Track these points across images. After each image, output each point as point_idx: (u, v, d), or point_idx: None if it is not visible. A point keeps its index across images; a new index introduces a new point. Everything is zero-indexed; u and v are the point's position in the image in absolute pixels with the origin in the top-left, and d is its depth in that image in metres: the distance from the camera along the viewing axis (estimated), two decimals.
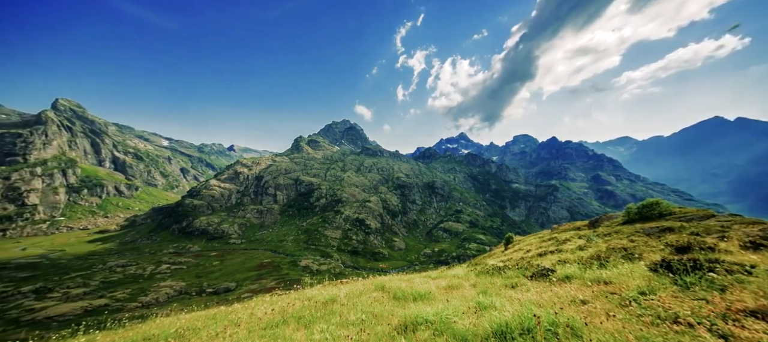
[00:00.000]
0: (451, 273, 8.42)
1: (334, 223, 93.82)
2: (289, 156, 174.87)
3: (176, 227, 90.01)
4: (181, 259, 60.35)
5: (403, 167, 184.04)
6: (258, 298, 9.47)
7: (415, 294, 5.09)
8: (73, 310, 30.53)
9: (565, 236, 11.93)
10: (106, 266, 53.11)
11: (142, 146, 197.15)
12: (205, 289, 40.98)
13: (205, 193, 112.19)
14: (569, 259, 6.74)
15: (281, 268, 53.96)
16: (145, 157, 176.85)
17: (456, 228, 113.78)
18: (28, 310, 31.43)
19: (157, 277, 47.96)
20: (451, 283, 6.25)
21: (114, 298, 35.44)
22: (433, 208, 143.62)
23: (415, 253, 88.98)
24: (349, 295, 5.67)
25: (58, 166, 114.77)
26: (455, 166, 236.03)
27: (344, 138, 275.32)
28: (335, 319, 3.86)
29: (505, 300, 3.93)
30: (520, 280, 5.66)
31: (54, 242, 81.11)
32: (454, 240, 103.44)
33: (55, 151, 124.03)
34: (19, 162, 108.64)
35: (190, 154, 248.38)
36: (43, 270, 51.43)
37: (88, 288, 41.05)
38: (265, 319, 4.73)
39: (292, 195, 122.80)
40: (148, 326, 6.05)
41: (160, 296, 36.89)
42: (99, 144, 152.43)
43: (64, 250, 70.80)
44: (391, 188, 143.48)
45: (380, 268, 68.00)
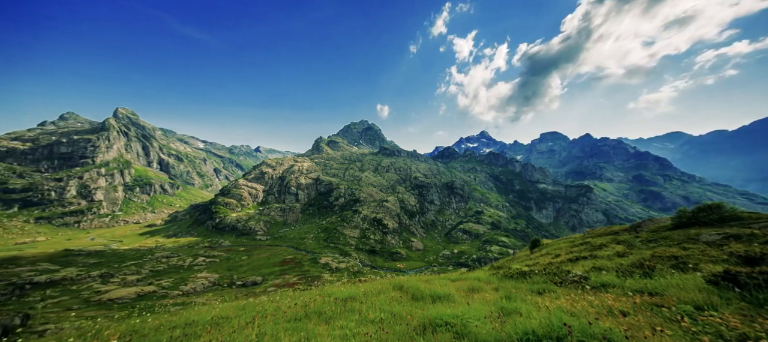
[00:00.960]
0: (472, 276, 8.14)
1: (352, 222, 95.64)
2: (310, 156, 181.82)
3: (210, 223, 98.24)
4: (214, 253, 65.79)
5: (421, 167, 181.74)
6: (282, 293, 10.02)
7: (435, 295, 5.01)
8: (128, 295, 34.80)
9: (600, 241, 10.91)
10: (154, 257, 59.72)
11: (182, 148, 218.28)
12: (235, 282, 44.15)
13: (234, 192, 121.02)
14: (606, 266, 6.16)
15: (303, 264, 56.30)
16: (184, 159, 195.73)
17: (476, 229, 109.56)
18: (95, 292, 36.48)
19: (195, 269, 52.78)
20: (472, 285, 6.05)
21: (160, 286, 39.70)
22: (452, 208, 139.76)
23: (433, 254, 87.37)
24: (367, 294, 5.75)
25: (117, 167, 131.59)
26: (476, 165, 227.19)
27: (362, 138, 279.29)
28: (355, 317, 3.95)
29: (532, 306, 3.71)
30: (548, 286, 5.29)
31: (114, 233, 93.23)
32: (475, 242, 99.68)
33: (116, 154, 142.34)
34: (89, 163, 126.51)
35: (221, 156, 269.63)
36: (106, 258, 59.36)
37: (140, 276, 46.51)
38: (290, 312, 4.99)
39: (313, 194, 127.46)
40: (189, 313, 6.71)
41: (197, 286, 40.53)
42: (148, 147, 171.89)
43: (121, 241, 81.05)
44: (408, 188, 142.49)
45: (398, 268, 67.84)
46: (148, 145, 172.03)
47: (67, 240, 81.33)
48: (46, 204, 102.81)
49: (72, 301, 33.70)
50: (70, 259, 55.70)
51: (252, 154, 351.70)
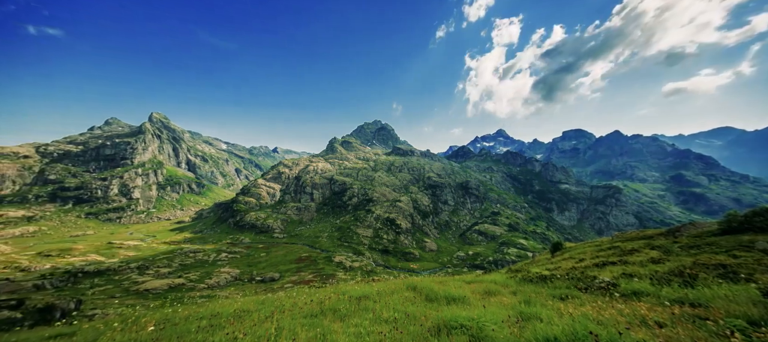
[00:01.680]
0: (488, 278, 7.89)
1: (365, 221, 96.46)
2: (325, 157, 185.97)
3: (232, 221, 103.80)
4: (235, 249, 69.44)
5: (434, 167, 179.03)
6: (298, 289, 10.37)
7: (449, 296, 4.93)
8: (161, 286, 37.76)
9: (631, 246, 10.10)
10: (183, 252, 64.26)
11: (207, 150, 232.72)
12: (255, 277, 46.27)
13: (254, 191, 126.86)
14: (638, 273, 5.69)
15: (317, 262, 57.72)
16: (209, 160, 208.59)
17: (493, 231, 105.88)
18: (133, 282, 40.01)
19: (218, 264, 56.07)
20: (488, 288, 5.87)
21: (188, 279, 42.64)
22: (467, 209, 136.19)
23: (447, 255, 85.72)
24: (381, 293, 5.79)
25: (151, 168, 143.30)
26: (492, 165, 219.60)
27: (375, 138, 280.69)
28: (369, 316, 3.99)
29: (553, 312, 3.52)
30: (571, 291, 5.00)
31: (149, 229, 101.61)
32: (491, 244, 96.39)
33: (150, 155, 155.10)
34: (128, 164, 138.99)
35: (242, 156, 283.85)
36: (143, 251, 64.86)
37: (171, 269, 50.26)
38: (306, 308, 5.15)
39: (327, 194, 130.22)
40: (214, 305, 7.16)
41: (220, 280, 43.04)
42: (178, 148, 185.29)
43: (155, 236, 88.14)
44: (422, 188, 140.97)
45: (411, 268, 67.37)
46: (177, 147, 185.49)
47: (110, 234, 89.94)
48: (94, 201, 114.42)
49: (114, 289, 37.15)
50: (112, 252, 61.53)
51: (270, 154, 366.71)
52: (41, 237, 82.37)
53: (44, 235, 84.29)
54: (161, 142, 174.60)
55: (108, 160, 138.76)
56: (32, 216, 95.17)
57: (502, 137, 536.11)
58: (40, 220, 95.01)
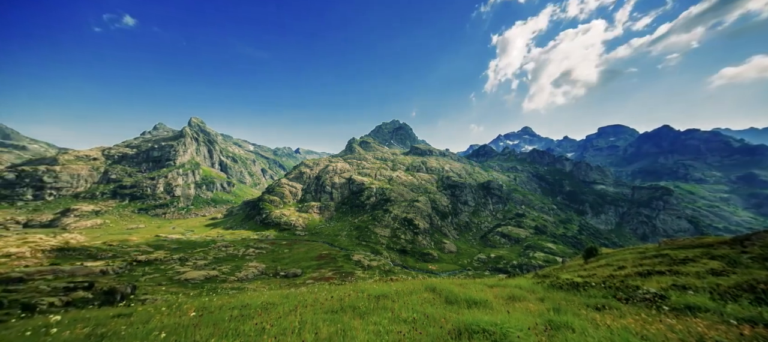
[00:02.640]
0: (512, 283, 7.48)
1: (383, 221, 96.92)
2: (344, 157, 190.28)
3: (258, 218, 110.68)
4: (261, 245, 73.95)
5: (454, 166, 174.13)
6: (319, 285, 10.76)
7: (470, 300, 4.77)
8: (198, 276, 41.57)
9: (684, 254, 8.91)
10: (217, 246, 70.07)
11: (237, 151, 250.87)
12: (279, 272, 48.85)
13: (277, 190, 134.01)
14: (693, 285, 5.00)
15: (337, 260, 59.26)
16: (238, 160, 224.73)
17: (517, 233, 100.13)
18: (176, 272, 44.55)
19: (247, 258, 60.15)
20: (512, 293, 5.58)
21: (221, 271, 46.38)
22: (489, 210, 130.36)
23: (467, 257, 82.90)
24: (399, 293, 5.78)
25: (190, 168, 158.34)
26: (516, 164, 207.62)
27: (393, 138, 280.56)
28: (387, 315, 4.01)
29: (587, 322, 3.24)
30: (609, 301, 4.55)
31: (188, 224, 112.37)
32: (515, 247, 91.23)
33: (189, 157, 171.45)
34: (171, 165, 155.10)
35: (267, 157, 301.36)
36: (183, 244, 71.97)
37: (207, 261, 55.05)
38: (327, 304, 5.33)
39: (346, 193, 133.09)
40: (243, 297, 7.72)
41: (248, 274, 46.15)
42: (212, 150, 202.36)
43: (193, 231, 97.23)
44: (440, 188, 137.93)
45: (429, 269, 66.25)
46: (211, 149, 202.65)
47: (157, 227, 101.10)
48: (144, 198, 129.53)
49: (161, 277, 41.63)
50: (159, 244, 69.10)
51: (292, 155, 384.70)
52: (105, 229, 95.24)
53: (108, 227, 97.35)
54: (198, 144, 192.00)
55: (155, 161, 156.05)
56: (99, 210, 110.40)
57: (528, 135, 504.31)
58: (105, 213, 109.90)
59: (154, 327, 4.37)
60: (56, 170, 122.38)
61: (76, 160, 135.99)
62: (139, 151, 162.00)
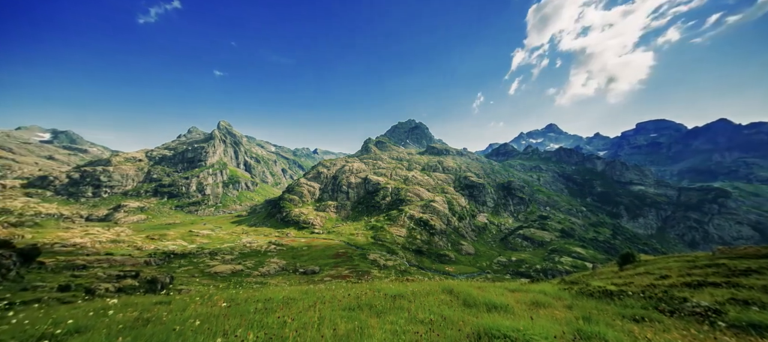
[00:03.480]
0: (536, 288, 7.10)
1: (398, 221, 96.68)
2: (360, 157, 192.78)
3: (279, 216, 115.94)
4: (282, 242, 77.34)
5: (472, 166, 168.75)
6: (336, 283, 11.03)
7: (490, 304, 4.62)
8: (226, 270, 44.59)
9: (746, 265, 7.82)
10: (242, 242, 74.62)
11: (260, 152, 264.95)
12: (298, 269, 50.76)
13: (297, 190, 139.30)
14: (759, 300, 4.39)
15: (353, 259, 60.21)
16: (261, 161, 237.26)
17: (540, 236, 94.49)
18: (207, 265, 48.10)
19: (269, 254, 63.29)
20: (536, 299, 5.30)
21: (246, 266, 49.30)
22: (509, 211, 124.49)
23: (486, 259, 79.90)
24: (415, 294, 5.76)
25: (218, 169, 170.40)
26: (540, 163, 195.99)
27: (409, 138, 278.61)
28: (404, 315, 4.02)
29: (623, 334, 2.98)
30: (649, 313, 4.15)
31: (217, 221, 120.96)
32: (538, 250, 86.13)
33: (218, 158, 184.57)
34: (203, 165, 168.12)
35: (287, 157, 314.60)
36: (212, 240, 77.64)
37: (233, 256, 58.86)
38: (344, 301, 5.46)
39: (361, 193, 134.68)
40: (266, 291, 8.16)
41: (270, 269, 48.53)
42: (238, 151, 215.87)
43: (221, 227, 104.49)
44: (458, 188, 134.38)
45: (446, 271, 64.86)
46: (237, 150, 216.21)
47: (191, 223, 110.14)
48: (180, 196, 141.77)
49: (194, 270, 45.22)
50: (192, 238, 75.20)
51: (311, 155, 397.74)
52: (148, 223, 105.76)
53: (150, 222, 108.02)
54: (226, 146, 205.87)
55: (189, 162, 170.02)
56: (143, 206, 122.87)
57: (553, 132, 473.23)
58: (147, 210, 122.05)
59: (189, 315, 4.79)
60: (110, 170, 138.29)
61: (125, 162, 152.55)
62: (176, 152, 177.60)
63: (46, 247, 46.81)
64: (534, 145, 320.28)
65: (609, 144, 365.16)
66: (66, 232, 66.54)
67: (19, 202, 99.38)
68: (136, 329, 3.68)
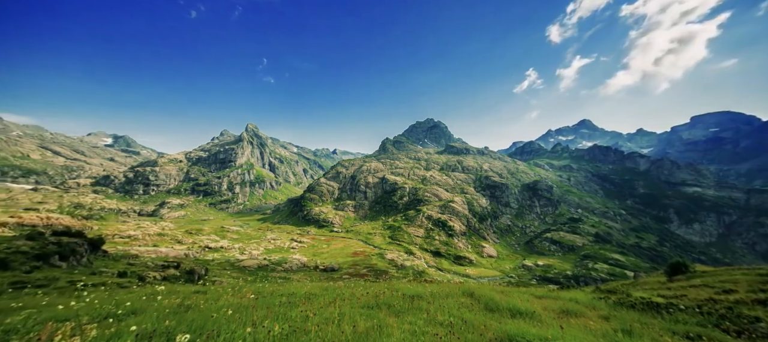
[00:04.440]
0: (567, 295, 6.60)
1: (415, 221, 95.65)
2: (377, 157, 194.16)
3: (300, 214, 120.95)
4: (303, 240, 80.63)
5: (494, 165, 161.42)
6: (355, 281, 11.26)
7: (514, 309, 4.40)
8: (253, 265, 47.62)
9: None
10: (267, 238, 79.15)
11: (283, 153, 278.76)
12: (318, 266, 52.52)
13: (317, 189, 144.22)
14: None
15: (371, 258, 60.83)
16: (284, 161, 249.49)
17: (571, 241, 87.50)
18: (236, 259, 51.72)
19: (291, 251, 66.32)
20: (566, 307, 4.93)
21: (270, 261, 52.12)
22: (535, 213, 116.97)
23: (509, 263, 75.97)
24: (434, 295, 5.67)
25: (246, 169, 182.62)
26: (571, 162, 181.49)
27: (427, 137, 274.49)
28: (423, 316, 3.99)
29: None
30: (708, 331, 3.65)
31: (244, 218, 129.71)
32: (569, 256, 79.79)
33: (245, 159, 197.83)
34: (232, 166, 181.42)
35: (308, 158, 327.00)
36: (241, 236, 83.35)
37: (259, 251, 62.62)
38: (363, 299, 5.56)
39: (379, 193, 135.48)
40: (289, 286, 8.58)
41: (292, 265, 50.83)
42: (263, 152, 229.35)
43: (248, 224, 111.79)
44: (479, 189, 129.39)
45: (466, 273, 62.82)
46: (263, 151, 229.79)
47: (222, 220, 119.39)
48: (213, 194, 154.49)
49: (225, 263, 48.92)
50: (223, 233, 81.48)
51: (330, 155, 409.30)
52: (186, 219, 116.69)
53: (188, 218, 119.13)
54: (253, 147, 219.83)
55: (221, 162, 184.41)
56: (182, 204, 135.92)
57: (586, 129, 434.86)
58: (186, 207, 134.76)
59: (223, 304, 5.22)
60: (156, 171, 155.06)
61: (168, 163, 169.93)
62: (210, 153, 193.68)
63: (108, 237, 53.77)
64: (564, 143, 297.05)
65: (655, 141, 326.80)
66: (123, 225, 75.91)
67: (89, 198, 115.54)
68: (179, 314, 4.10)
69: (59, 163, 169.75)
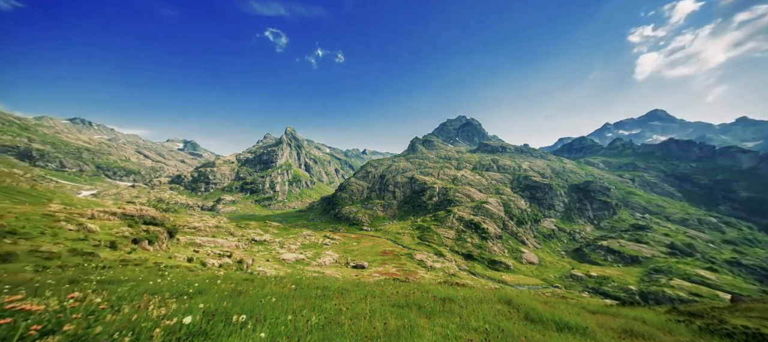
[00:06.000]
0: (630, 312, 5.67)
1: (445, 222, 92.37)
2: (406, 156, 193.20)
3: (332, 212, 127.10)
4: (334, 237, 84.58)
5: (535, 164, 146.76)
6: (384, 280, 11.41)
7: (560, 322, 3.95)
8: (291, 258, 51.75)
9: None
10: (303, 234, 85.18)
11: (317, 153, 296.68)
12: (349, 263, 54.55)
13: (348, 189, 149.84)
14: None
15: (400, 257, 60.78)
16: (318, 162, 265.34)
17: (635, 251, 74.47)
18: (277, 252, 57.00)
19: (324, 247, 70.21)
20: (629, 326, 4.24)
21: (306, 256, 56.05)
22: (587, 217, 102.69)
23: (554, 271, 68.16)
24: (467, 299, 5.43)
25: (285, 169, 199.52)
26: (636, 160, 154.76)
27: (459, 135, 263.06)
28: (455, 320, 3.86)
29: None
30: None
31: (284, 214, 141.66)
32: (632, 268, 68.05)
33: (284, 160, 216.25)
34: (273, 166, 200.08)
35: (339, 158, 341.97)
36: (280, 231, 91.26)
37: (296, 246, 67.73)
38: (393, 298, 5.62)
39: (408, 192, 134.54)
40: (323, 281, 9.12)
41: (325, 261, 53.77)
42: (300, 153, 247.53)
43: (287, 220, 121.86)
44: (517, 189, 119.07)
45: (502, 279, 58.34)
46: (299, 152, 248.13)
47: (265, 216, 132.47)
48: (258, 192, 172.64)
49: (268, 255, 54.07)
50: (266, 228, 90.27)
51: (360, 156, 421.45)
52: (237, 214, 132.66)
53: (238, 213, 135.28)
54: (291, 149, 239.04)
55: (264, 163, 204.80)
56: (234, 200, 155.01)
57: (659, 120, 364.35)
58: (237, 203, 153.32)
59: (268, 292, 5.82)
60: (214, 171, 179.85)
61: (223, 164, 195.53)
62: (255, 155, 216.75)
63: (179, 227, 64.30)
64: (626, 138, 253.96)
65: (764, 132, 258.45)
66: (190, 217, 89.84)
67: (167, 194, 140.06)
68: (233, 298, 4.71)
69: (148, 164, 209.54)
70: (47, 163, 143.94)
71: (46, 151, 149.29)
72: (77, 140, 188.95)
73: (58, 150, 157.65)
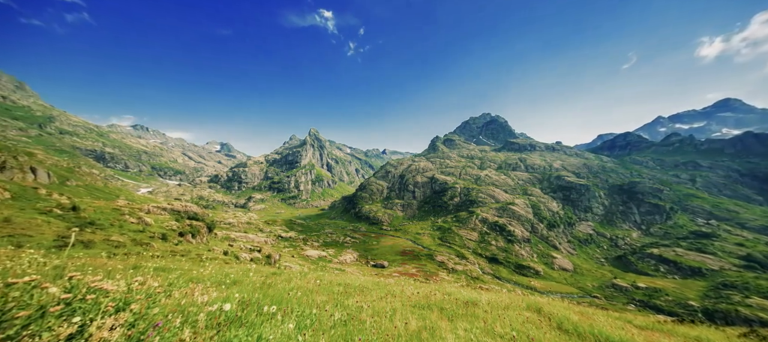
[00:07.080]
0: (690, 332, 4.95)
1: (467, 224, 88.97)
2: (427, 156, 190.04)
3: (353, 211, 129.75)
4: (355, 235, 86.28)
5: (569, 162, 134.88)
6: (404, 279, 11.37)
7: (601, 336, 3.58)
8: (314, 255, 53.95)
9: None
10: (325, 232, 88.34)
11: (338, 154, 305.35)
12: (369, 261, 55.30)
13: (368, 188, 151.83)
14: None
15: (420, 258, 60.03)
16: (339, 162, 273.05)
17: (698, 262, 64.55)
18: (301, 249, 59.79)
19: (345, 245, 72.03)
20: None
21: (328, 253, 58.08)
22: (633, 222, 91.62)
23: (591, 279, 61.97)
24: (491, 304, 5.20)
25: (308, 169, 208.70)
26: (697, 157, 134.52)
27: (483, 133, 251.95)
28: (479, 324, 3.72)
29: None
30: None
31: (307, 213, 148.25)
32: (692, 281, 59.10)
33: (308, 160, 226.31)
34: (298, 166, 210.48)
35: (360, 158, 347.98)
36: (304, 228, 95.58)
37: (319, 243, 70.48)
38: (413, 298, 5.58)
39: (428, 193, 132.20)
40: (344, 278, 9.38)
41: (346, 258, 55.15)
42: (322, 154, 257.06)
43: (310, 218, 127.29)
44: (547, 190, 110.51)
45: (531, 285, 54.55)
46: (322, 153, 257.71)
47: (290, 214, 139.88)
48: (284, 191, 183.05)
49: (293, 251, 56.98)
50: (291, 226, 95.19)
51: (380, 156, 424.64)
52: (265, 212, 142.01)
53: (266, 211, 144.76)
54: (314, 150, 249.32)
55: (289, 164, 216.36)
56: (262, 198, 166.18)
57: (730, 111, 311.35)
58: (265, 201, 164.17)
59: (293, 286, 6.16)
60: (246, 171, 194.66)
61: (253, 164, 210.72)
62: (282, 156, 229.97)
63: (216, 222, 70.72)
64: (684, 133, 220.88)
65: None
66: (225, 214, 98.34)
67: (206, 192, 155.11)
68: (262, 290, 5.07)
69: (191, 165, 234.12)
70: (116, 164, 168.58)
71: (115, 154, 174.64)
72: (137, 144, 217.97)
73: (124, 153, 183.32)
